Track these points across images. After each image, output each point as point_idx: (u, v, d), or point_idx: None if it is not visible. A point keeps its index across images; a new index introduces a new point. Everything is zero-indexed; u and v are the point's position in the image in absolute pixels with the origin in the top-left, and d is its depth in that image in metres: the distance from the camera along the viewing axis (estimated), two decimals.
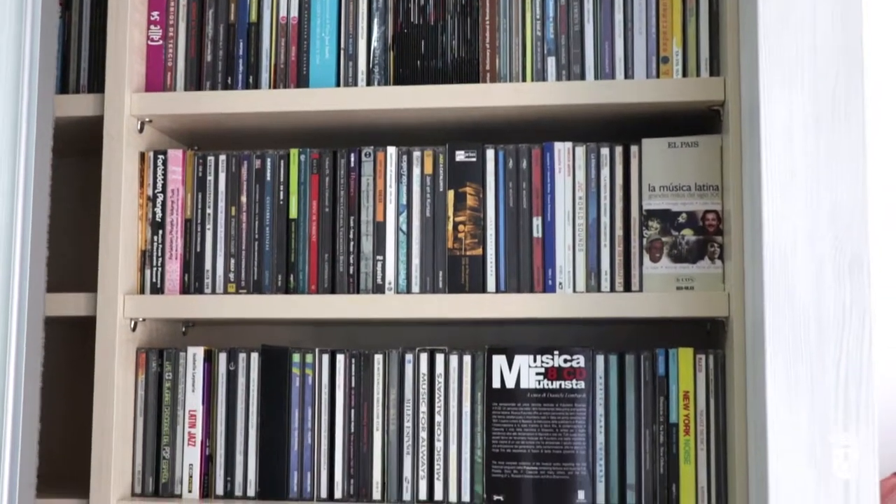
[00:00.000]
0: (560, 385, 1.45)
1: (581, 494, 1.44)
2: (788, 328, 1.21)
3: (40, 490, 1.45)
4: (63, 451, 1.71)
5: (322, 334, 1.73)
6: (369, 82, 1.52)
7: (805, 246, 1.21)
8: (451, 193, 1.50)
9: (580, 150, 1.49)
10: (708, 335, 1.56)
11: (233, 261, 1.54)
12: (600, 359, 1.46)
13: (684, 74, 1.47)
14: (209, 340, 1.59)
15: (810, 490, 1.20)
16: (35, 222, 1.43)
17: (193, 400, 1.53)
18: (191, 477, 1.52)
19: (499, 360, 1.46)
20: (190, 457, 1.52)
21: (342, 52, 1.54)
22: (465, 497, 1.46)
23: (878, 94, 1.73)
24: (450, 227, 1.50)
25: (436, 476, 1.47)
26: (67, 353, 1.77)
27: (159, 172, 1.56)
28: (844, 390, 1.20)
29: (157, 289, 1.54)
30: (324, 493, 1.49)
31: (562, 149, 1.49)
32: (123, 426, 1.51)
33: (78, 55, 1.62)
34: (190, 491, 1.52)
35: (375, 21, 1.54)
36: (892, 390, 1.71)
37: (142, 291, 1.54)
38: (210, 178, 1.55)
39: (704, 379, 1.44)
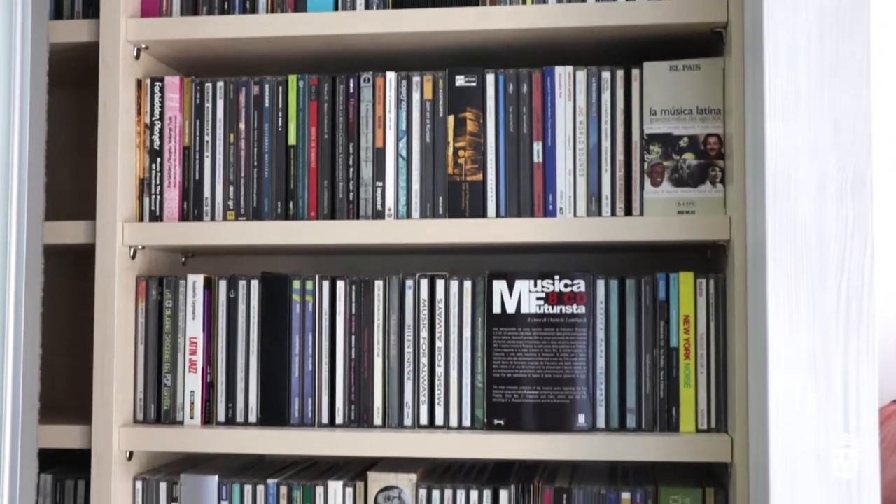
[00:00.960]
0: (561, 310, 1.45)
1: (581, 418, 1.44)
2: (790, 248, 1.21)
3: (43, 417, 1.45)
4: (65, 380, 1.72)
5: (322, 264, 1.72)
6: (368, 6, 1.50)
7: (807, 165, 1.20)
8: (450, 119, 1.49)
9: (581, 74, 1.47)
10: (708, 262, 1.56)
11: (232, 188, 1.53)
12: (601, 283, 1.46)
13: None
14: (208, 271, 1.58)
15: (811, 409, 1.21)
16: (32, 150, 1.43)
17: (194, 327, 1.53)
18: (192, 404, 1.52)
19: (499, 286, 1.46)
20: (191, 384, 1.53)
21: None
22: (466, 422, 1.47)
23: (884, 10, 1.71)
24: (450, 152, 1.49)
25: (436, 401, 1.47)
26: (67, 282, 1.77)
27: (156, 100, 1.55)
28: (846, 308, 1.20)
29: (157, 217, 1.54)
30: (325, 419, 1.50)
31: (562, 73, 1.47)
32: (124, 354, 1.51)
33: None
34: (192, 417, 1.52)
35: None
36: (893, 314, 1.71)
37: (141, 219, 1.54)
38: (208, 104, 1.54)
39: (705, 303, 1.44)
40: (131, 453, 1.52)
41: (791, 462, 1.21)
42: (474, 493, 1.46)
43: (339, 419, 1.49)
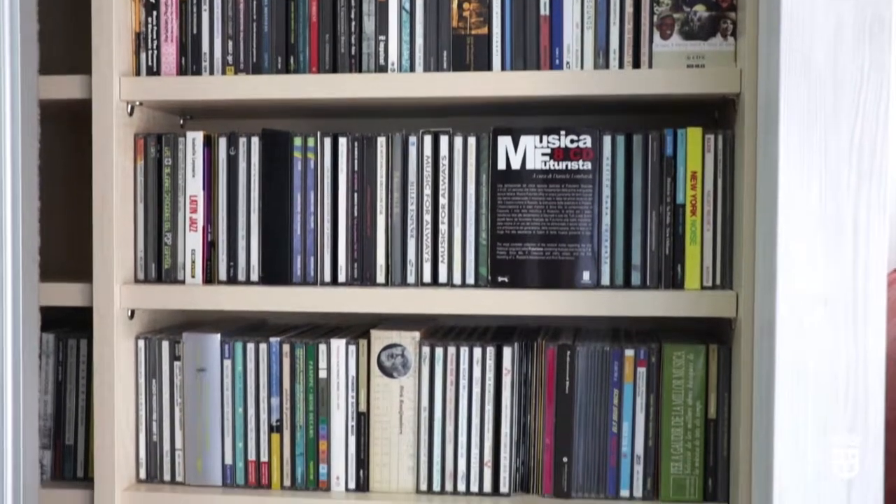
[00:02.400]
0: (566, 166, 1.43)
1: (586, 275, 1.43)
2: (803, 94, 1.18)
3: (44, 277, 1.44)
4: (65, 241, 1.70)
5: (323, 127, 1.69)
6: None
7: (825, 5, 1.17)
8: None
9: None
10: (716, 122, 1.54)
11: (231, 43, 1.50)
12: (607, 139, 1.43)
13: None
14: (208, 131, 1.55)
15: (819, 261, 1.19)
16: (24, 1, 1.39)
17: (194, 185, 1.51)
18: (193, 262, 1.51)
19: (504, 142, 1.44)
20: (192, 242, 1.51)
21: None
22: (470, 279, 1.46)
23: None
24: (454, 5, 1.45)
25: (440, 259, 1.46)
26: (64, 146, 1.74)
27: None
28: (858, 158, 1.18)
29: (154, 72, 1.50)
30: (327, 278, 1.49)
31: None
32: (124, 212, 1.50)
33: None
34: (193, 276, 1.51)
35: None
36: None
37: (138, 74, 1.50)
38: None
39: (713, 159, 1.42)
40: (133, 312, 1.51)
41: (798, 313, 1.20)
42: (477, 351, 1.46)
43: (341, 277, 1.48)
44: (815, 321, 1.19)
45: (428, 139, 1.46)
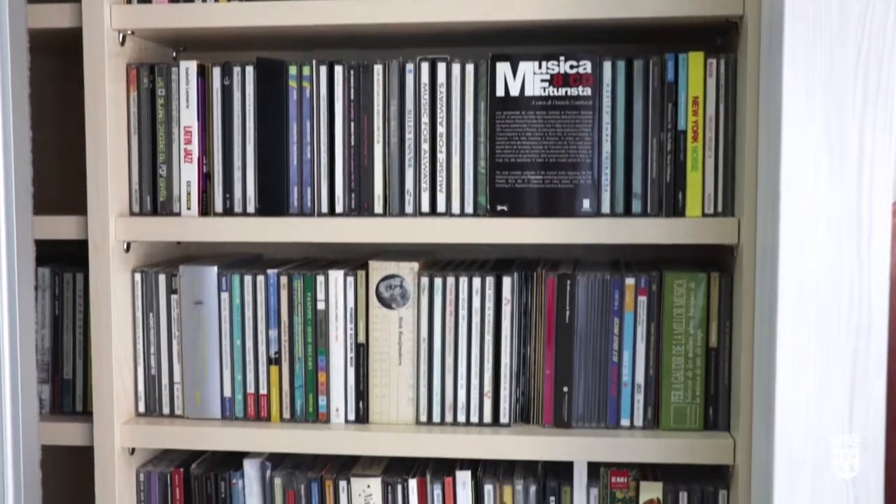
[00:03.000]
0: (566, 92, 1.41)
1: (586, 203, 1.42)
2: (809, 13, 1.16)
3: (38, 211, 1.43)
4: (57, 176, 1.68)
5: (319, 57, 1.66)
6: None
7: None
8: None
9: None
10: (718, 49, 1.51)
11: None
12: (607, 65, 1.41)
13: None
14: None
15: (822, 182, 1.18)
16: None
17: (188, 116, 1.49)
18: (189, 194, 1.49)
19: (502, 68, 1.41)
20: (187, 174, 1.49)
21: None
22: (469, 208, 1.45)
23: None
24: None
25: (438, 188, 1.44)
26: (55, 75, 1.71)
27: None
28: (864, 75, 1.15)
29: (146, 0, 1.48)
30: (325, 208, 1.47)
31: None
32: (117, 144, 1.48)
33: None
34: (188, 208, 1.49)
35: None
36: None
37: (129, 2, 1.47)
38: None
39: (714, 84, 1.39)
40: (128, 245, 1.50)
41: (801, 234, 1.18)
42: (477, 281, 1.45)
43: (339, 208, 1.46)
44: (817, 244, 1.17)
45: (425, 66, 1.43)
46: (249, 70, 1.47)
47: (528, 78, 1.41)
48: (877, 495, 1.16)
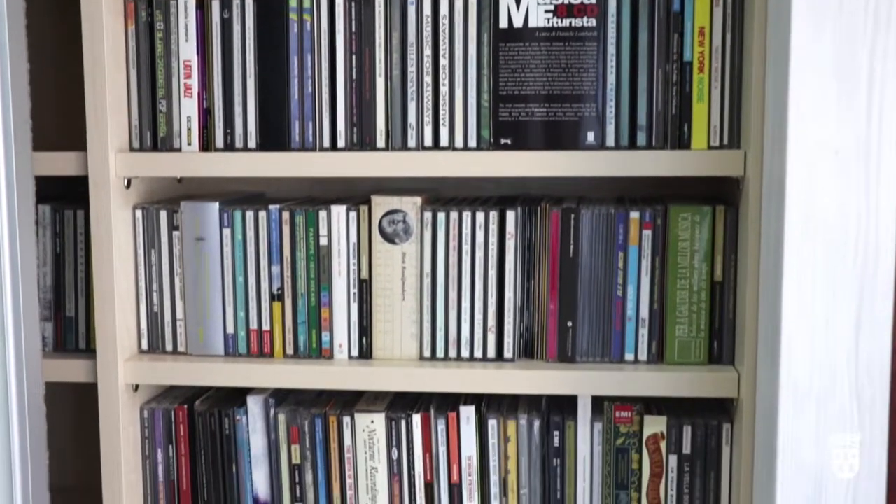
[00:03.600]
0: (570, 23, 1.38)
1: (590, 136, 1.40)
2: None
3: (37, 146, 1.41)
4: (55, 113, 1.66)
5: None
6: None
7: None
8: None
9: None
10: None
11: None
12: None
13: None
14: None
15: (832, 111, 1.16)
16: None
17: (187, 50, 1.47)
18: (189, 130, 1.48)
19: None
20: (187, 109, 1.47)
21: None
22: (472, 142, 1.43)
23: None
24: None
25: (441, 122, 1.43)
26: (52, 9, 1.69)
27: None
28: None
29: None
30: (326, 143, 1.45)
31: None
32: (116, 79, 1.46)
33: None
34: (189, 144, 1.48)
35: None
36: None
37: None
38: None
39: (721, 14, 1.37)
40: (129, 181, 1.49)
41: (809, 165, 1.17)
42: (480, 215, 1.44)
43: (340, 142, 1.45)
44: (825, 172, 1.16)
45: None
46: (249, 3, 1.44)
47: (531, 9, 1.39)
48: (882, 420, 1.16)
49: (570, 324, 1.44)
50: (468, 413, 1.47)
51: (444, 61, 1.41)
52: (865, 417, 1.16)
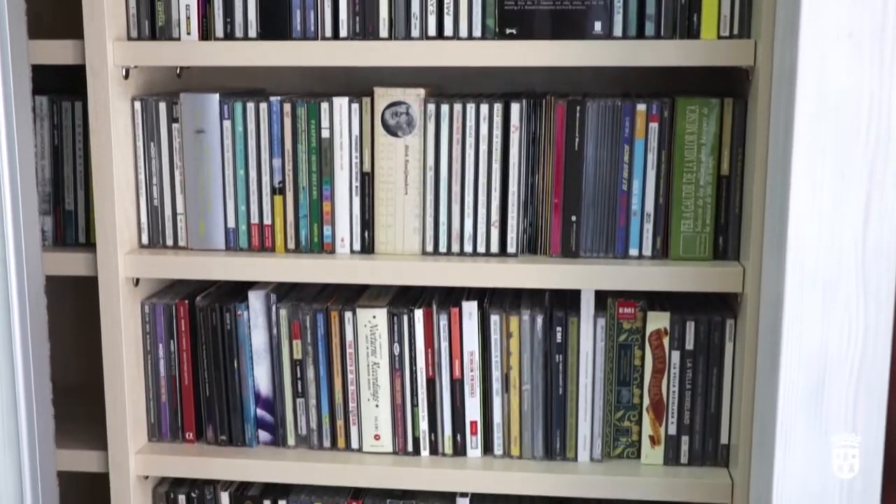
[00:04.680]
0: None
1: (597, 25, 1.37)
2: None
3: (33, 34, 1.38)
4: (54, 2, 1.63)
5: None
6: None
7: None
8: None
9: None
10: None
11: None
12: None
13: None
14: None
15: (843, 61, 1.13)
16: None
17: None
18: (188, 18, 1.45)
19: None
20: None
21: None
22: (476, 31, 1.40)
23: None
24: None
25: (445, 10, 1.40)
26: None
27: None
28: None
29: None
30: (328, 32, 1.42)
31: None
32: None
33: None
34: (188, 33, 1.45)
35: None
36: None
37: None
38: None
39: None
40: (127, 71, 1.46)
41: (821, 49, 1.14)
42: (484, 107, 1.42)
43: (343, 32, 1.42)
44: (838, 57, 1.13)
45: None
46: None
47: None
48: (888, 306, 1.15)
49: (574, 218, 1.42)
50: (470, 308, 1.46)
51: None
52: (871, 303, 1.15)
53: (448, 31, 1.40)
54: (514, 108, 1.41)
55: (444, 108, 1.42)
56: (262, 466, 1.51)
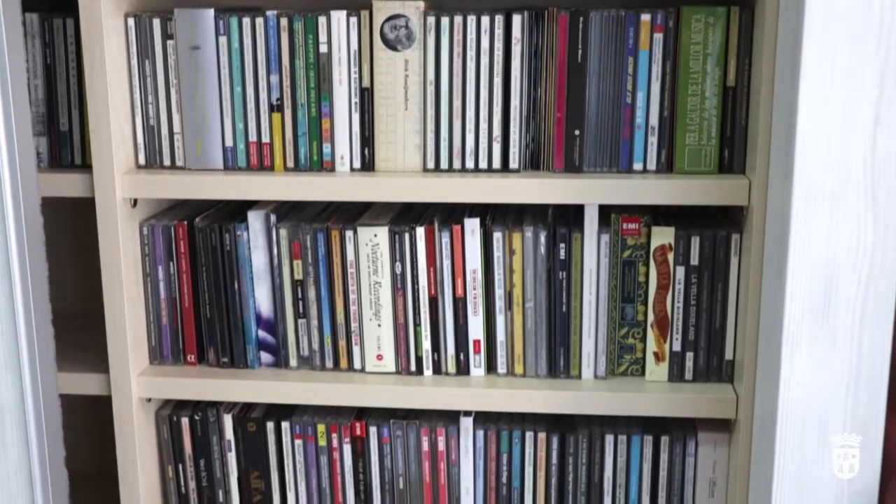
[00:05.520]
0: None
1: None
2: None
3: None
4: None
5: None
6: None
7: None
8: None
9: None
10: None
11: None
12: None
13: None
14: None
15: None
16: None
17: None
18: None
19: None
20: None
21: None
22: None
23: None
24: None
25: None
26: None
27: None
28: None
29: None
30: None
31: None
32: None
33: None
34: None
35: None
36: None
37: None
38: None
39: None
40: None
41: None
42: (485, 19, 1.39)
43: None
44: None
45: None
46: None
47: None
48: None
49: (577, 132, 1.40)
50: (473, 225, 1.45)
51: None
52: (880, 213, 1.13)
53: None
54: (516, 19, 1.38)
55: (445, 20, 1.39)
56: (264, 388, 1.50)
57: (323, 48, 1.41)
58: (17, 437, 1.36)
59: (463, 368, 1.49)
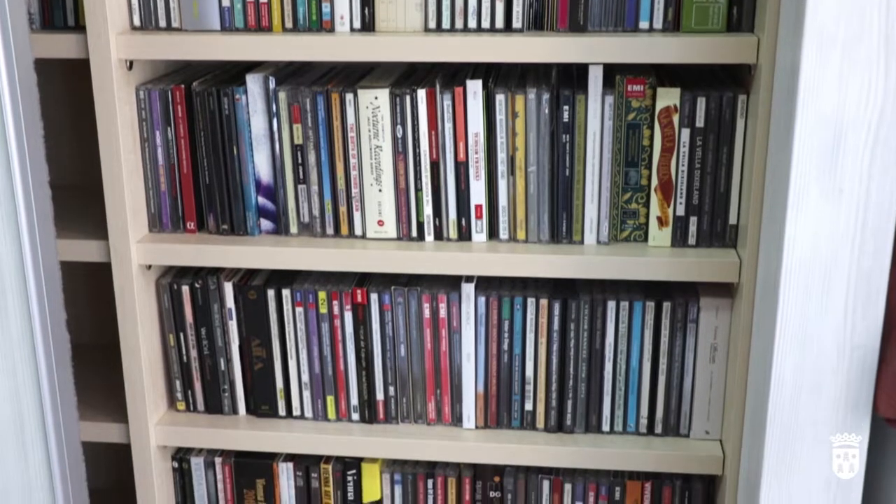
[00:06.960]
0: None
1: None
2: None
3: None
4: None
5: None
6: None
7: None
8: None
9: None
10: None
11: None
12: None
13: None
14: None
15: None
16: None
17: None
18: None
19: None
20: None
21: None
22: None
23: None
24: None
25: None
26: None
27: None
28: None
29: None
30: None
31: None
32: None
33: None
34: None
35: None
36: None
37: None
38: None
39: None
40: None
41: None
42: None
43: None
44: None
45: None
46: None
47: None
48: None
49: None
50: (475, 87, 1.42)
51: None
52: (892, 62, 1.11)
53: None
54: None
55: None
56: (264, 254, 1.49)
57: None
58: (19, 301, 1.35)
59: (465, 234, 1.48)
